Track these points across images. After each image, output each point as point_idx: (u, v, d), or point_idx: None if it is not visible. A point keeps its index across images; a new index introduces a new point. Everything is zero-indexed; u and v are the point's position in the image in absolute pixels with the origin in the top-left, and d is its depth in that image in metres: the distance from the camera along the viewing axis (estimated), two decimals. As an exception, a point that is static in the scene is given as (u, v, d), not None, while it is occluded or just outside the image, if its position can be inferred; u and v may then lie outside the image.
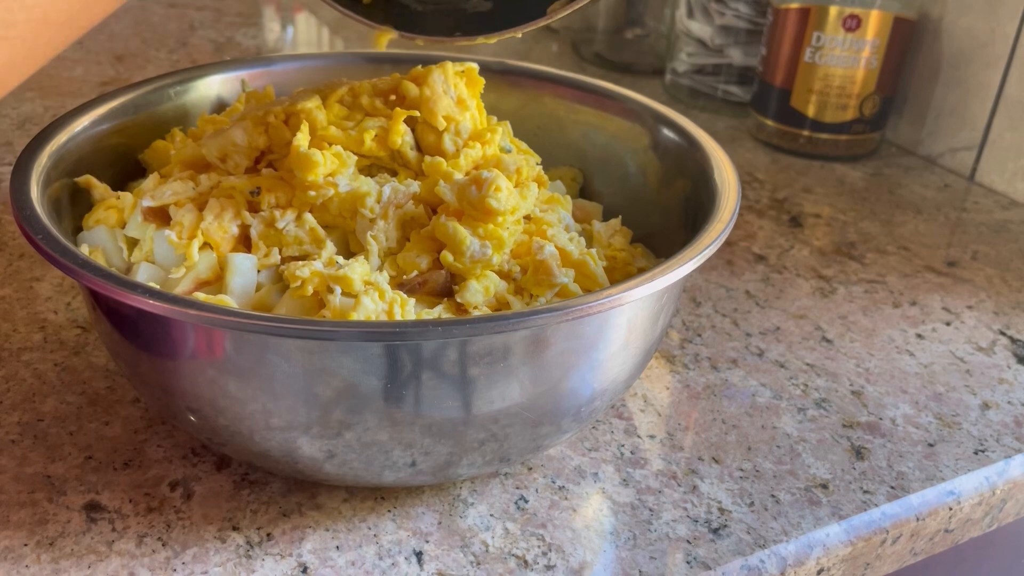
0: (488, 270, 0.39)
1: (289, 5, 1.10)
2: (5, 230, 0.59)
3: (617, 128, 0.50)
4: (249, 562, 0.36)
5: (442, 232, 0.38)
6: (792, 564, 0.38)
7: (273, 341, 0.31)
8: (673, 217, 0.45)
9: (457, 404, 0.33)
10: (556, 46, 1.01)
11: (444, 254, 0.38)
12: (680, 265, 0.34)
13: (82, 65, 0.87)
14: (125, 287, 0.31)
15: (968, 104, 0.74)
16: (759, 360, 0.50)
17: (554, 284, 0.38)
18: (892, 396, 0.48)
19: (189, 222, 0.39)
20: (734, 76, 0.84)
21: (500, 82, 0.52)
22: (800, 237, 0.64)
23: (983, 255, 0.63)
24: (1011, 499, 0.45)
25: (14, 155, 0.68)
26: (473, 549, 0.37)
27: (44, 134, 0.41)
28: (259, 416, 0.34)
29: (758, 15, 0.80)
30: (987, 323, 0.55)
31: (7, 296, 0.52)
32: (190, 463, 0.41)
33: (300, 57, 0.52)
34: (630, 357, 0.37)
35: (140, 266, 0.40)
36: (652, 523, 0.39)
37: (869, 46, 0.72)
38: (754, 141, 0.80)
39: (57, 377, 0.45)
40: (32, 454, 0.41)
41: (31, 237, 0.33)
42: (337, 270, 0.36)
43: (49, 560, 0.36)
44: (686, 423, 0.45)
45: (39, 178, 0.38)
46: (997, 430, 0.46)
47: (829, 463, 0.43)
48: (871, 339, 0.53)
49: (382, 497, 0.40)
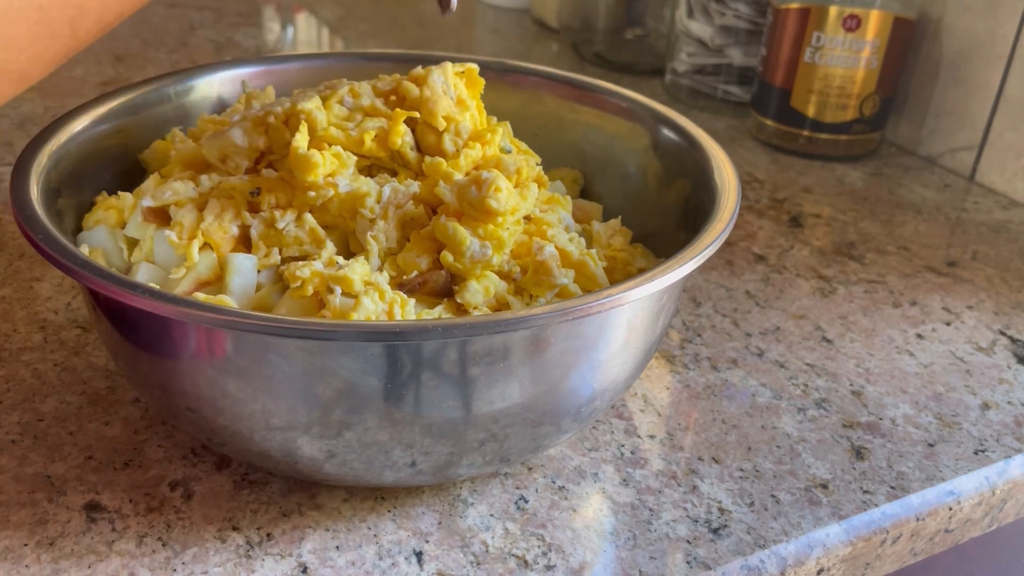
0: (488, 270, 0.39)
1: (289, 5, 1.10)
2: (5, 230, 0.59)
3: (617, 128, 0.49)
4: (249, 562, 0.36)
5: (442, 232, 0.38)
6: (792, 564, 0.38)
7: (273, 341, 0.31)
8: (673, 217, 0.45)
9: (457, 404, 0.33)
10: (556, 46, 1.01)
11: (444, 254, 0.38)
12: (680, 265, 0.34)
13: (82, 65, 0.87)
14: (125, 287, 0.31)
15: (968, 104, 0.74)
16: (759, 360, 0.50)
17: (554, 285, 0.38)
18: (892, 396, 0.48)
19: (189, 222, 0.39)
20: (734, 76, 0.84)
21: (500, 82, 0.52)
22: (800, 237, 0.64)
23: (983, 255, 0.63)
24: (1011, 499, 0.45)
25: (14, 155, 0.68)
26: (473, 549, 0.37)
27: (44, 134, 0.41)
28: (259, 416, 0.34)
29: (758, 15, 0.80)
30: (987, 323, 0.55)
31: (7, 296, 0.52)
32: (190, 463, 0.41)
33: (300, 57, 0.52)
34: (630, 357, 0.37)
35: (140, 266, 0.40)
36: (652, 523, 0.39)
37: (869, 46, 0.72)
38: (754, 141, 0.80)
39: (57, 377, 0.45)
40: (32, 454, 0.41)
41: (31, 237, 0.33)
42: (337, 270, 0.36)
43: (49, 560, 0.36)
44: (686, 423, 0.45)
45: (39, 178, 0.38)
46: (997, 430, 0.46)
47: (829, 463, 0.43)
48: (871, 339, 0.53)
49: (382, 497, 0.40)
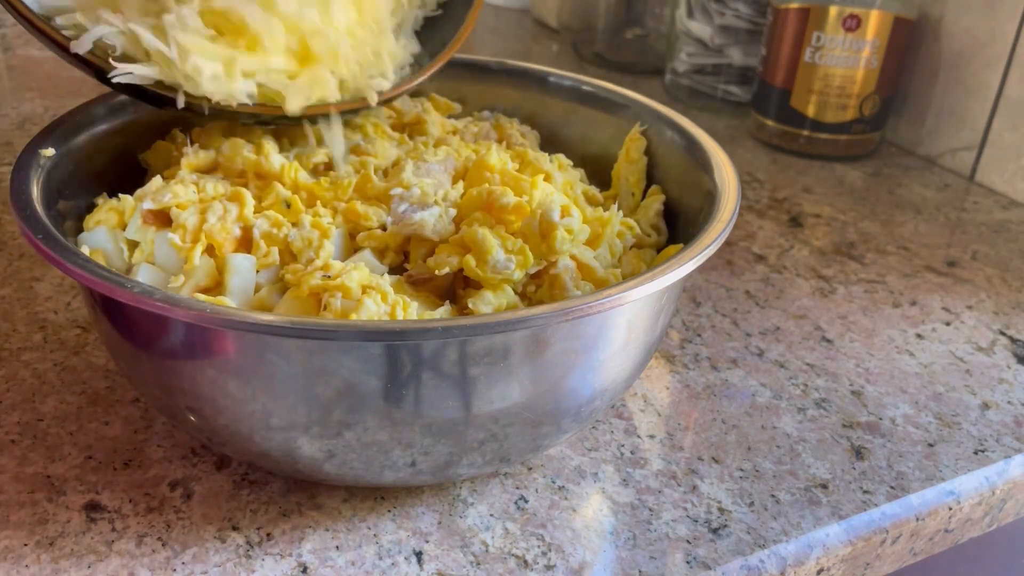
0: (507, 284, 0.38)
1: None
2: (5, 230, 0.59)
3: (617, 128, 0.50)
4: (249, 562, 0.36)
5: (471, 237, 0.38)
6: (792, 564, 0.38)
7: (273, 341, 0.31)
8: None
9: (457, 404, 0.33)
10: (556, 46, 1.01)
11: (467, 259, 0.38)
12: (680, 265, 0.34)
13: (82, 65, 0.87)
14: (125, 287, 0.31)
15: (968, 104, 0.74)
16: (759, 360, 0.50)
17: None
18: (892, 396, 0.48)
19: (192, 225, 0.39)
20: (734, 76, 0.84)
21: (500, 82, 0.52)
22: (800, 237, 0.64)
23: (983, 255, 0.63)
24: (1011, 499, 0.45)
25: (14, 155, 0.68)
26: (473, 549, 0.37)
27: (44, 134, 0.41)
28: (259, 416, 0.34)
29: (758, 15, 0.81)
30: (987, 323, 0.55)
31: (7, 296, 0.52)
32: (190, 463, 0.41)
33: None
34: (630, 357, 0.37)
35: (140, 267, 0.40)
36: (652, 523, 0.39)
37: (869, 46, 0.72)
38: (754, 141, 0.80)
39: (57, 377, 0.45)
40: (32, 454, 0.41)
41: (31, 237, 0.33)
42: (335, 277, 0.36)
43: (49, 560, 0.36)
44: (686, 423, 0.45)
45: (39, 178, 0.38)
46: (997, 430, 0.46)
47: (829, 463, 0.43)
48: (871, 339, 0.53)
49: (382, 497, 0.40)
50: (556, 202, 0.39)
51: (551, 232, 0.38)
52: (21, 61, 0.89)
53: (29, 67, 0.87)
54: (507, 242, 0.38)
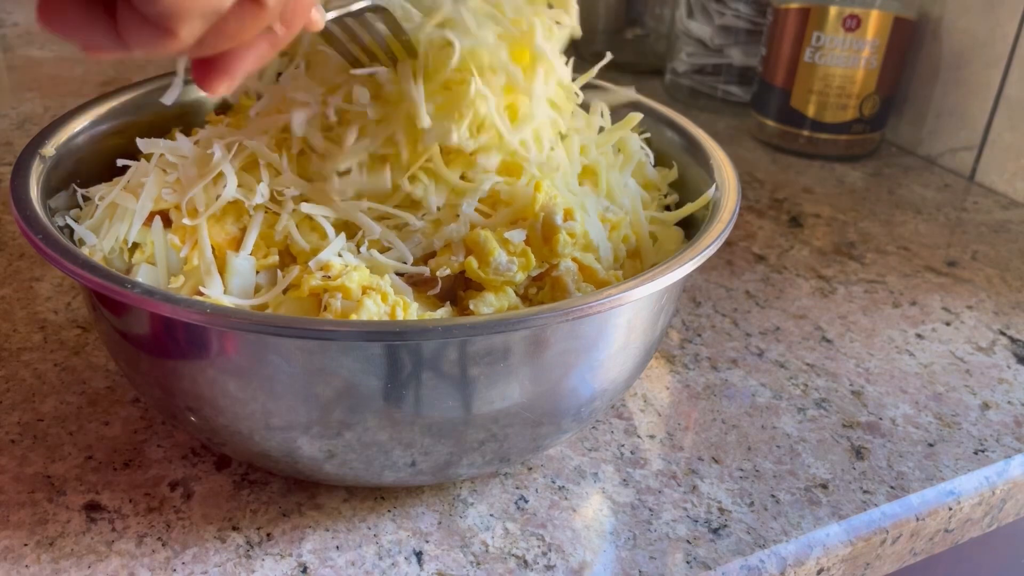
0: (509, 286, 0.38)
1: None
2: (5, 230, 0.59)
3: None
4: (249, 562, 0.36)
5: (473, 239, 0.38)
6: (792, 564, 0.38)
7: (273, 341, 0.31)
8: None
9: (457, 404, 0.33)
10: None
11: (469, 260, 0.37)
12: (680, 265, 0.34)
13: (82, 65, 0.87)
14: (125, 287, 0.31)
15: (968, 104, 0.74)
16: (759, 360, 0.50)
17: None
18: (892, 396, 0.48)
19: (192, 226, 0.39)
20: (734, 76, 0.84)
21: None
22: (800, 237, 0.64)
23: (983, 255, 0.63)
24: (1011, 499, 0.45)
25: (14, 155, 0.68)
26: (473, 549, 0.37)
27: (44, 134, 0.41)
28: (259, 416, 0.34)
29: (758, 15, 0.81)
30: (987, 323, 0.55)
31: (7, 296, 0.52)
32: (190, 463, 0.41)
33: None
34: (630, 357, 0.37)
35: (140, 267, 0.40)
36: (652, 523, 0.39)
37: (869, 46, 0.72)
38: (754, 141, 0.80)
39: (57, 377, 0.45)
40: (32, 454, 0.41)
41: (31, 237, 0.33)
42: (335, 277, 0.36)
43: (49, 560, 0.36)
44: (686, 423, 0.45)
45: (39, 178, 0.38)
46: (997, 430, 0.46)
47: (829, 463, 0.43)
48: (871, 339, 0.53)
49: (382, 497, 0.40)
50: (559, 205, 0.39)
51: (553, 235, 0.38)
52: (21, 61, 0.89)
53: (29, 67, 0.87)
54: (509, 244, 0.38)
